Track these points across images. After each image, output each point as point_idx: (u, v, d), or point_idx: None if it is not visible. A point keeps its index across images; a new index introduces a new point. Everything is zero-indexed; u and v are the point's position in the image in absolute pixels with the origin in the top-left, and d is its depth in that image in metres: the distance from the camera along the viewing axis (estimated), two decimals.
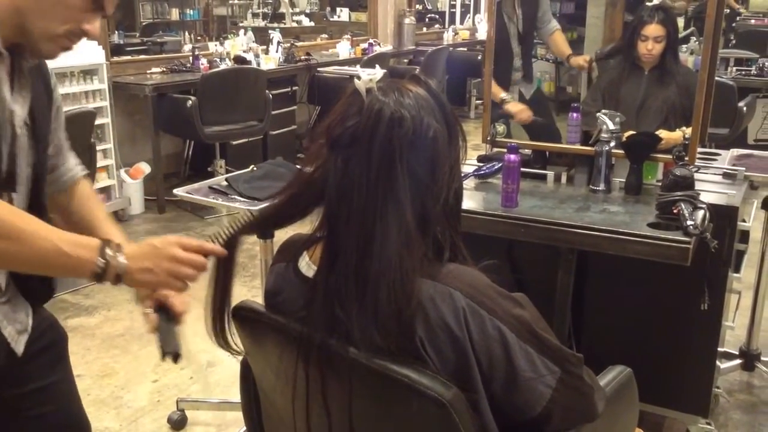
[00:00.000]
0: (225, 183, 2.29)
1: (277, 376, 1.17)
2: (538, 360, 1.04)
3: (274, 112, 5.09)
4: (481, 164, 2.31)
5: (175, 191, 2.30)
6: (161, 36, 7.08)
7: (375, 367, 1.00)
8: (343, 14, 8.98)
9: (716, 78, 2.26)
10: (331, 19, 9.17)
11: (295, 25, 8.89)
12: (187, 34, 7.85)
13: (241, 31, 6.03)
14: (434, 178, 1.04)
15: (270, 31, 6.13)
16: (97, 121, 4.01)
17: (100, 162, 4.24)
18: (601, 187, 2.16)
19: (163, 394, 2.66)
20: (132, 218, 4.63)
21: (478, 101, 7.65)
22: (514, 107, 2.46)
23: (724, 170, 2.31)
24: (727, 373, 2.70)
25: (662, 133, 2.21)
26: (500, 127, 2.36)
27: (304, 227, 1.14)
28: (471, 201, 2.11)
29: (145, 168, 4.76)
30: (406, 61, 7.53)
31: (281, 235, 1.42)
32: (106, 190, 4.42)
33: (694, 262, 1.79)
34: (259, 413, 1.33)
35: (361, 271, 1.01)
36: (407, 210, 1.01)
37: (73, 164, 1.40)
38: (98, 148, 4.10)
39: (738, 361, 2.75)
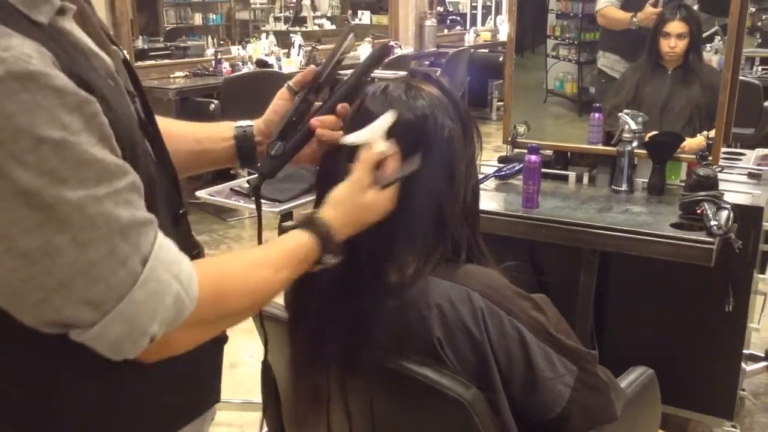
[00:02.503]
0: (246, 185, 2.30)
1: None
2: (557, 360, 1.04)
3: None
4: (502, 165, 2.30)
5: (197, 193, 2.33)
6: (184, 41, 7.14)
7: (394, 367, 1.01)
8: (365, 17, 9.00)
9: (741, 77, 2.24)
10: (353, 22, 9.19)
11: (316, 28, 8.92)
12: (210, 38, 7.92)
13: (263, 35, 6.07)
14: (451, 178, 1.04)
15: (291, 35, 6.16)
16: None
17: None
18: (624, 187, 2.15)
19: None
20: None
21: (499, 103, 7.61)
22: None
23: (749, 170, 2.28)
24: (753, 375, 2.66)
25: (686, 142, 2.18)
26: (521, 128, 2.35)
27: None
28: (492, 202, 2.11)
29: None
30: (427, 63, 7.52)
31: None
32: None
33: (718, 263, 1.78)
34: (280, 414, 1.34)
35: (374, 276, 1.02)
36: (422, 214, 1.01)
37: None
38: None
39: (764, 364, 2.70)
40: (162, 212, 0.83)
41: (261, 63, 5.39)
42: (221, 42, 7.93)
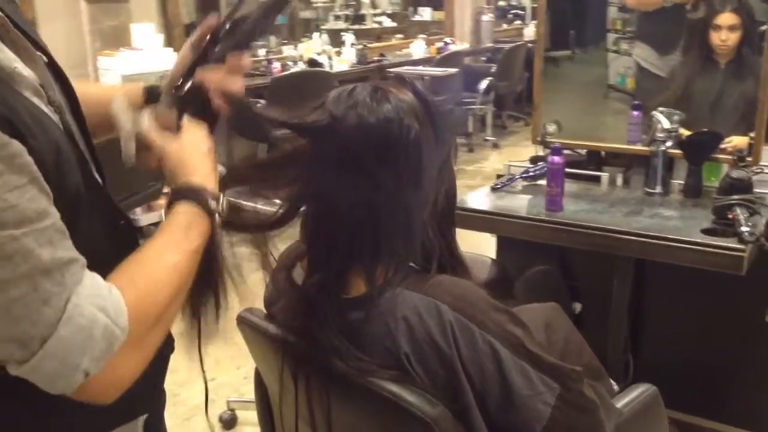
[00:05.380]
0: None
1: (276, 383, 1.16)
2: (536, 376, 0.98)
3: None
4: (530, 166, 2.22)
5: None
6: None
7: (360, 382, 0.97)
8: (425, 13, 8.93)
9: None
10: (413, 19, 9.14)
11: (375, 25, 8.90)
12: (273, 38, 8.01)
13: (315, 34, 6.09)
14: (419, 184, 1.00)
15: (342, 33, 6.16)
16: None
17: None
18: (658, 189, 2.04)
19: (217, 393, 2.70)
20: None
21: None
22: None
23: None
24: None
25: (733, 140, 2.05)
26: (551, 127, 2.26)
27: None
28: (516, 204, 2.04)
29: (220, 170, 4.88)
30: (483, 59, 7.40)
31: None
32: None
33: (754, 270, 1.66)
34: (272, 418, 1.33)
35: (341, 287, 0.98)
36: (389, 222, 0.97)
37: None
38: None
39: None
40: (95, 226, 0.83)
41: (311, 62, 5.41)
42: (284, 42, 8.01)
